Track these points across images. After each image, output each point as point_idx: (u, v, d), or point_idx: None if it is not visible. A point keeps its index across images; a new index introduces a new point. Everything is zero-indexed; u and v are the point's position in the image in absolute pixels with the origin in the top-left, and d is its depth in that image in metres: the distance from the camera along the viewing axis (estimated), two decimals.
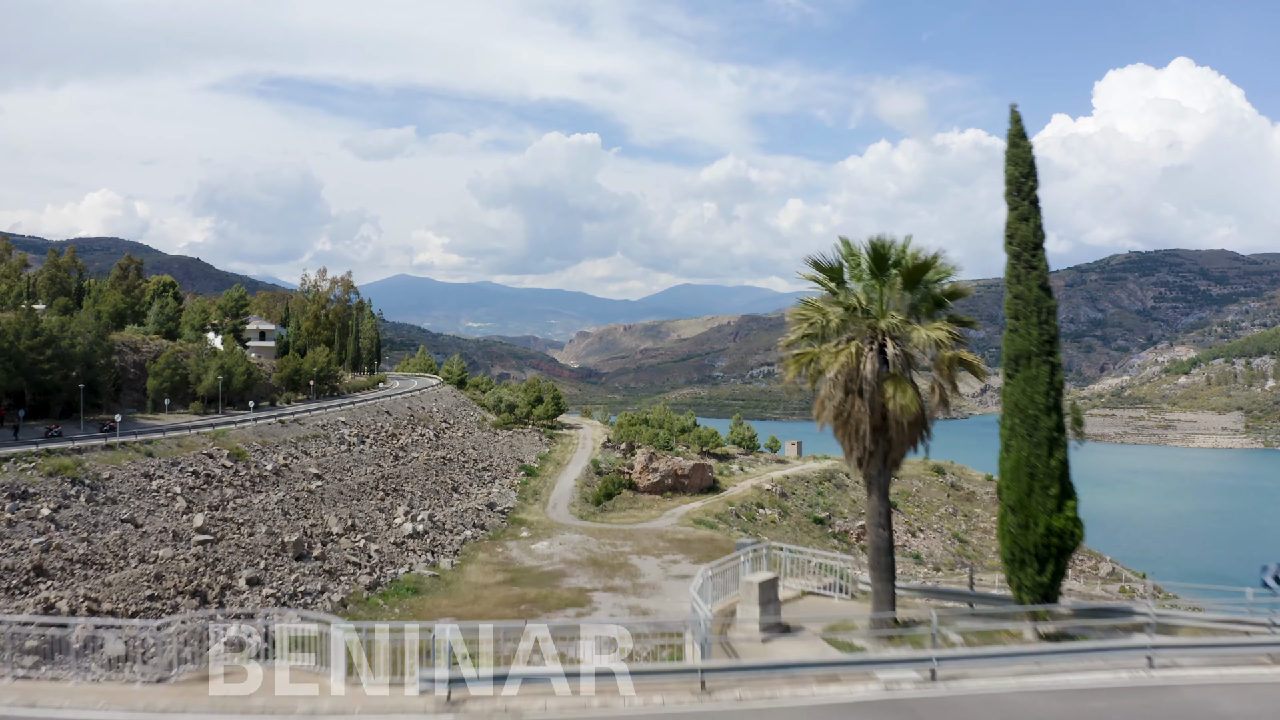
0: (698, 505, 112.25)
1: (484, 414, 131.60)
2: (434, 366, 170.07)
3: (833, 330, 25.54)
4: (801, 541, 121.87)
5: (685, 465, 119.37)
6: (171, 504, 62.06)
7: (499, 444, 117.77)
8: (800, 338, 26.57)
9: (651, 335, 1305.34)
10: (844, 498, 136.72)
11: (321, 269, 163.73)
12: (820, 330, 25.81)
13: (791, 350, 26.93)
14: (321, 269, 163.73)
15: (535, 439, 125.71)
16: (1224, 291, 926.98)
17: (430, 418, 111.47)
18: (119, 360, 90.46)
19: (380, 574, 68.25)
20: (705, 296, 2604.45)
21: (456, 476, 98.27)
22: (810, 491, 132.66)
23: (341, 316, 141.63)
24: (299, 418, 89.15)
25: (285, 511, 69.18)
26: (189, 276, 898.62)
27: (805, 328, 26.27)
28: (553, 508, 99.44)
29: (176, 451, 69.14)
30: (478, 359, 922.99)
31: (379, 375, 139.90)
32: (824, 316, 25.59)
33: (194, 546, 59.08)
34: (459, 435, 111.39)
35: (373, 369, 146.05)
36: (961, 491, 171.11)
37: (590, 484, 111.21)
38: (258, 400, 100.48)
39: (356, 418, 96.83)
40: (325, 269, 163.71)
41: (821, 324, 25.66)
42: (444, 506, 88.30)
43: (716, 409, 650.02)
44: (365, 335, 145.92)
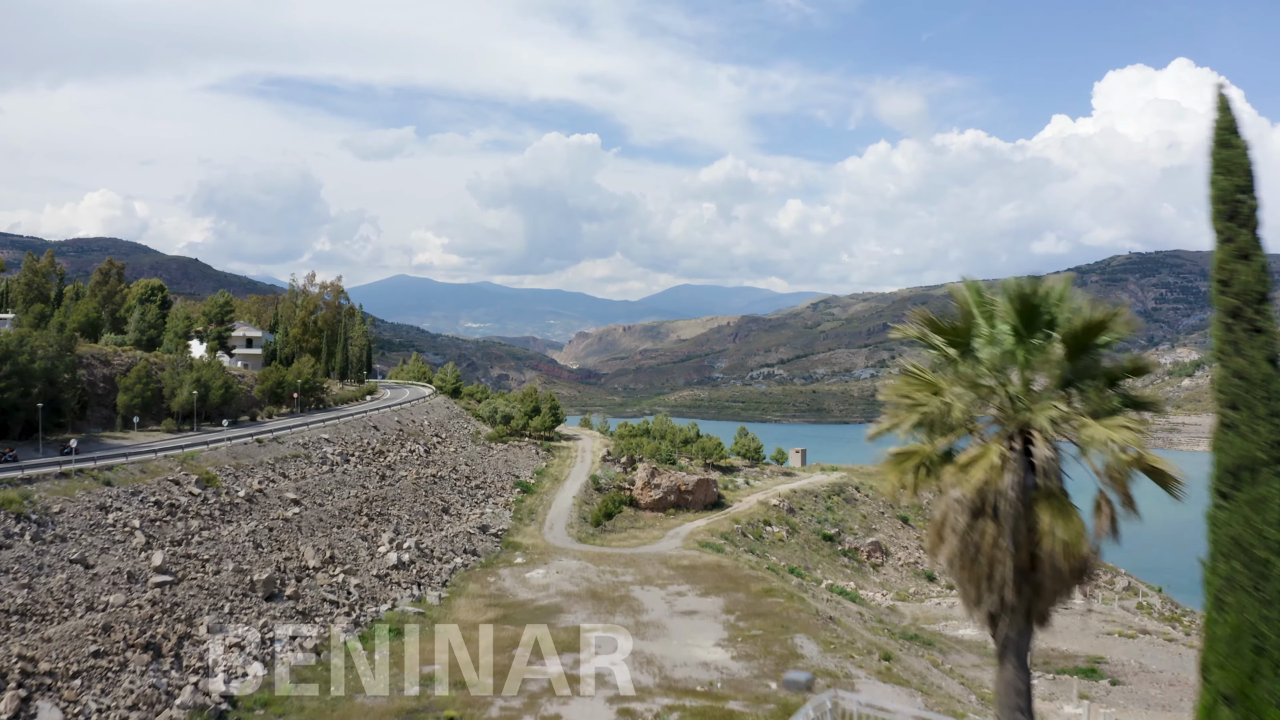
0: (702, 524, 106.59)
1: (478, 426, 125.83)
2: (428, 374, 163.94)
3: (956, 420, 18.04)
4: (810, 561, 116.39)
5: (689, 481, 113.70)
6: (129, 540, 56.28)
7: (494, 459, 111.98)
8: (901, 424, 18.59)
9: (651, 336, 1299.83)
10: (853, 513, 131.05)
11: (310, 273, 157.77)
12: (936, 418, 18.16)
13: (888, 445, 19.08)
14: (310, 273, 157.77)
15: (532, 452, 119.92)
16: None
17: (420, 432, 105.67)
18: (87, 375, 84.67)
19: (360, 612, 62.51)
20: (705, 297, 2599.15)
21: (447, 496, 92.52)
22: (819, 506, 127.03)
23: (331, 323, 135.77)
24: (278, 435, 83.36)
25: (257, 544, 63.40)
26: (187, 277, 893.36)
27: (913, 414, 18.37)
28: (549, 529, 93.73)
29: (139, 478, 63.32)
30: (476, 360, 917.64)
31: (369, 385, 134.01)
32: (941, 399, 17.92)
33: (150, 589, 53.32)
34: (451, 450, 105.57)
35: (362, 378, 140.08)
36: None
37: (589, 501, 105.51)
38: (237, 415, 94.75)
39: (341, 434, 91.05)
40: (314, 273, 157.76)
41: (939, 411, 18.03)
42: (433, 531, 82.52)
43: (717, 411, 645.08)
44: (356, 342, 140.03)
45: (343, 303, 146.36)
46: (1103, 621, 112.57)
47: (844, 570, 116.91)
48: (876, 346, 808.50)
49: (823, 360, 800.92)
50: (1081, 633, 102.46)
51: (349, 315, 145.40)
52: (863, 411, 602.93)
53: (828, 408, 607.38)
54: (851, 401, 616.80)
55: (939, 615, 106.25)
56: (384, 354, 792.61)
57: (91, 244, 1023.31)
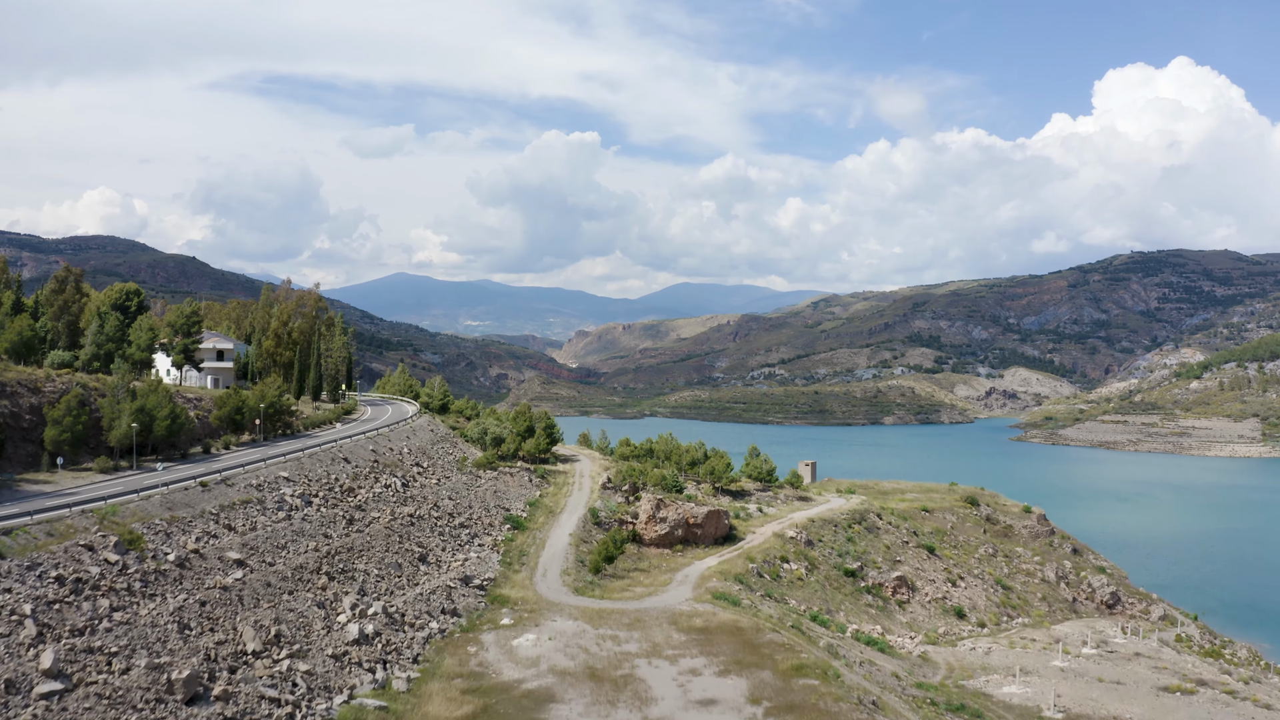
0: (714, 563, 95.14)
1: (466, 449, 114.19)
2: (415, 387, 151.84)
3: None
4: (832, 601, 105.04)
5: (698, 513, 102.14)
6: (14, 634, 44.77)
7: (481, 490, 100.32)
8: None
9: (651, 335, 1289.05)
10: (876, 543, 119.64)
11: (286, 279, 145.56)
12: None
13: None
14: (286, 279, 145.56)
15: (524, 480, 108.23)
16: (1228, 293, 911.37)
17: (399, 462, 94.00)
18: (9, 406, 73.05)
19: (308, 710, 50.98)
20: (704, 295, 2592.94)
21: (426, 540, 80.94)
22: (838, 537, 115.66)
23: (308, 334, 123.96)
24: (229, 475, 71.78)
25: (184, 625, 51.85)
26: (185, 275, 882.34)
27: None
28: (542, 576, 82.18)
29: (41, 545, 51.81)
30: (475, 359, 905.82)
31: (348, 403, 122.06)
32: None
33: (34, 704, 41.86)
34: (433, 482, 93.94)
35: (338, 396, 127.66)
36: (998, 526, 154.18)
37: (588, 539, 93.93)
38: (188, 447, 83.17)
39: (305, 470, 79.44)
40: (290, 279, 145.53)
41: None
42: (406, 588, 70.94)
43: (718, 412, 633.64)
44: (336, 354, 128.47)
45: (320, 312, 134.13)
46: (1153, 670, 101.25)
47: (868, 611, 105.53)
48: (878, 346, 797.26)
49: (824, 360, 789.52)
50: (1137, 688, 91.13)
51: (328, 326, 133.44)
52: (865, 413, 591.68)
53: (830, 409, 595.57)
54: (854, 403, 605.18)
55: (975, 664, 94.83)
56: (382, 353, 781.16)
57: (89, 242, 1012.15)
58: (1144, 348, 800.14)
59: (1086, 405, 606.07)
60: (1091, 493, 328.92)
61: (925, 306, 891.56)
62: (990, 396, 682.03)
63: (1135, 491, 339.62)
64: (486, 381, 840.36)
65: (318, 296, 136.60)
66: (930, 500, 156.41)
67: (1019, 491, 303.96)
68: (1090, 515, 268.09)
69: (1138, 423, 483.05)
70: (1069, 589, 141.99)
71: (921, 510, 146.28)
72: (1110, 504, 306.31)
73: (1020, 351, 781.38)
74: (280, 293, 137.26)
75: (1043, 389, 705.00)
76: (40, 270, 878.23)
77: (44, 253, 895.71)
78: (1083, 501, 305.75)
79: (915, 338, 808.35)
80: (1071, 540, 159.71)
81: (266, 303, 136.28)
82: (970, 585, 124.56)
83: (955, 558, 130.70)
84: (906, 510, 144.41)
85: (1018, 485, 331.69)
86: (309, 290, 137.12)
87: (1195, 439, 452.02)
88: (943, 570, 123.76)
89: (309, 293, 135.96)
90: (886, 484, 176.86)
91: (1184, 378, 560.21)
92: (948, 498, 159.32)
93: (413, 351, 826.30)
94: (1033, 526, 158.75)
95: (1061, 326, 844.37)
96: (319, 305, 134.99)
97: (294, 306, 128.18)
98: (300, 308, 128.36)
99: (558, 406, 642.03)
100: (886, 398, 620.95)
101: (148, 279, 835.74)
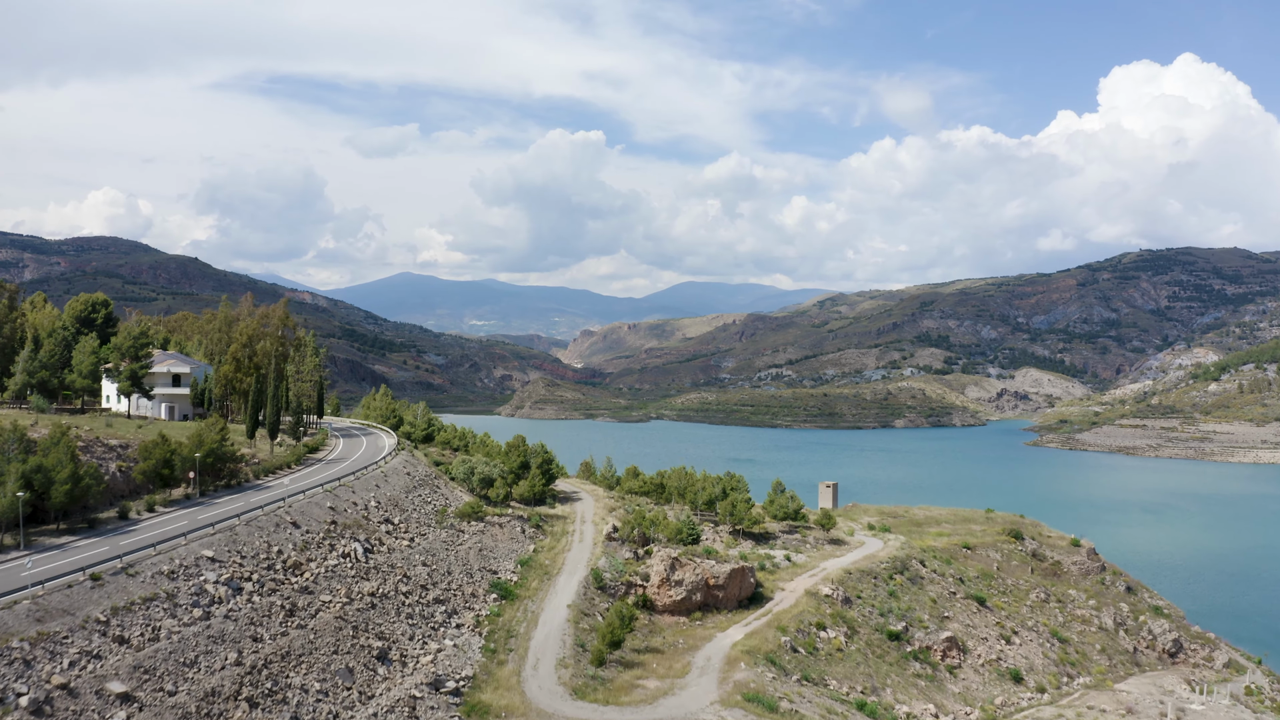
0: (739, 636, 79.25)
1: (450, 491, 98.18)
2: (398, 412, 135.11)
3: None
4: (878, 674, 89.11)
5: (719, 573, 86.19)
6: None
7: (464, 548, 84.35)
8: None
9: (656, 334, 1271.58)
10: (920, 596, 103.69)
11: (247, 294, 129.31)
12: None
13: None
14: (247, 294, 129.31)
15: (516, 531, 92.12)
16: (1239, 291, 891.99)
17: (362, 521, 78.07)
18: None
19: None
20: (710, 294, 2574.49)
21: (391, 627, 65.05)
22: (879, 592, 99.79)
23: (274, 356, 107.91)
24: (133, 561, 56.03)
25: None
26: (187, 276, 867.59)
27: None
28: (533, 669, 66.26)
29: None
30: (479, 360, 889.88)
31: (314, 438, 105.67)
32: None
33: None
34: (404, 545, 78.00)
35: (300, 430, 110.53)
36: (1045, 563, 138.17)
37: (590, 610, 77.99)
38: (98, 512, 67.33)
39: (238, 543, 63.55)
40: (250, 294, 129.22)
41: None
42: (357, 706, 55.07)
43: (725, 415, 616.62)
44: (307, 376, 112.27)
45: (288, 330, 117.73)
46: None
47: (917, 683, 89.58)
48: (887, 347, 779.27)
49: (832, 361, 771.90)
50: None
51: (296, 347, 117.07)
52: (876, 416, 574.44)
53: (840, 411, 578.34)
54: (864, 405, 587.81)
55: None
56: (385, 354, 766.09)
57: (91, 243, 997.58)
58: (1155, 347, 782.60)
59: (1101, 407, 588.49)
60: (1117, 505, 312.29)
61: (933, 306, 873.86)
62: (1002, 398, 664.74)
63: (1161, 502, 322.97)
64: (490, 383, 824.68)
65: (285, 313, 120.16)
66: (969, 534, 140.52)
67: (1043, 506, 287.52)
68: (1121, 533, 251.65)
69: (1157, 427, 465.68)
70: (1128, 637, 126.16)
71: (963, 548, 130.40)
72: (1138, 517, 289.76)
73: (1030, 351, 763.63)
74: (242, 307, 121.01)
75: (1054, 390, 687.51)
76: (42, 272, 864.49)
77: (46, 254, 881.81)
78: (1109, 514, 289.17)
79: (924, 337, 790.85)
80: (1124, 576, 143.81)
81: (226, 320, 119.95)
82: (1025, 641, 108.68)
83: (1006, 606, 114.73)
84: (946, 548, 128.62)
85: (1039, 497, 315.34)
86: (277, 306, 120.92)
87: (1217, 444, 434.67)
88: (995, 625, 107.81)
89: (274, 308, 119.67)
90: (917, 511, 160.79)
91: (1202, 380, 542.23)
92: (988, 530, 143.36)
93: (416, 353, 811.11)
94: (1082, 562, 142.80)
95: (1071, 326, 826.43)
96: (286, 322, 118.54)
97: (257, 324, 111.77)
98: (264, 326, 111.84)
99: (562, 410, 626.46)
100: (897, 400, 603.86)
101: (150, 280, 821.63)
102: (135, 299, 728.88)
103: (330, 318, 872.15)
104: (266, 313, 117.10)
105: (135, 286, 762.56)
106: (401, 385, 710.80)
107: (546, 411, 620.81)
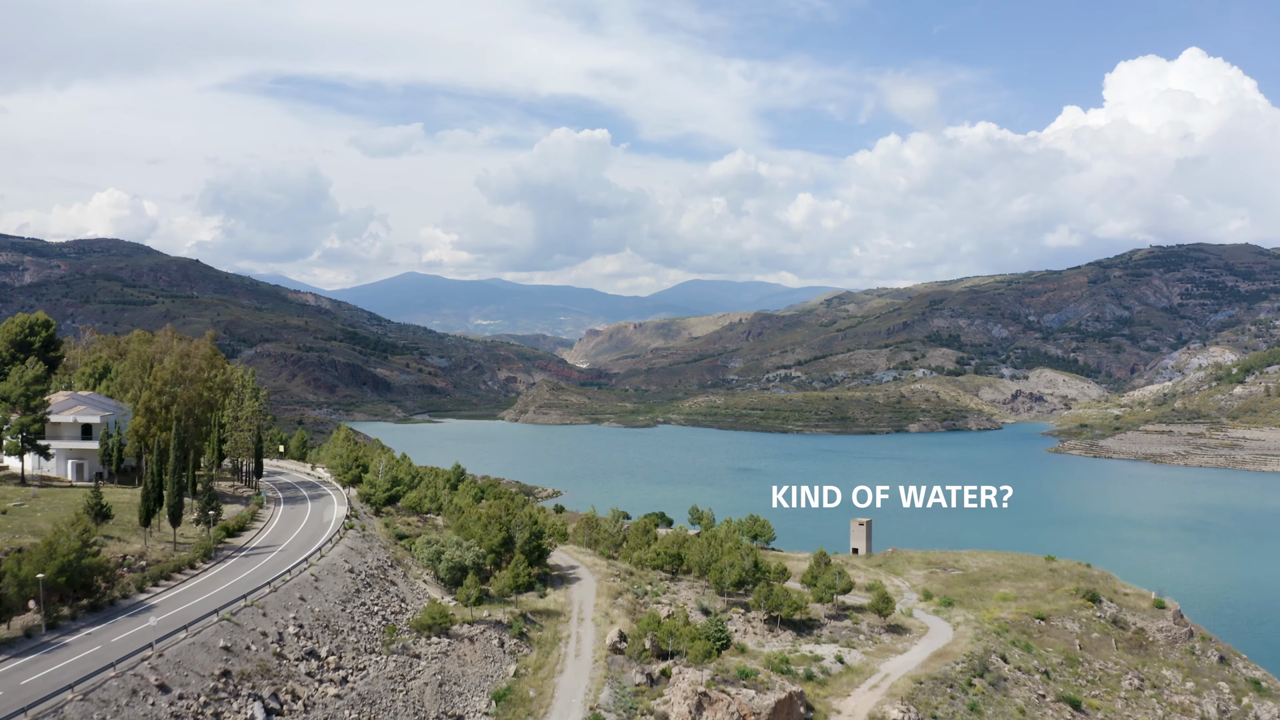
0: None
1: (412, 583, 75.90)
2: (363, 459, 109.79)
3: None
4: None
5: (761, 707, 63.96)
6: None
7: (419, 683, 61.97)
8: None
9: (663, 334, 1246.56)
10: (1006, 706, 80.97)
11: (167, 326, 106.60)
12: None
13: None
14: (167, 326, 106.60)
15: (493, 646, 69.57)
16: (1252, 288, 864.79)
17: (273, 662, 55.78)
18: None
19: None
20: (716, 292, 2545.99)
21: None
22: (957, 706, 77.64)
23: (198, 405, 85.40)
24: None
25: None
26: (188, 279, 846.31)
27: None
28: None
29: None
30: (483, 363, 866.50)
31: (239, 516, 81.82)
32: None
33: None
34: (330, 694, 55.64)
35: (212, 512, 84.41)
36: (1129, 632, 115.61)
37: None
38: None
39: None
40: (171, 327, 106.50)
41: None
42: None
43: (734, 420, 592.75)
44: (244, 426, 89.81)
45: (214, 372, 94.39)
46: None
47: None
48: (898, 347, 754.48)
49: (842, 361, 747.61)
50: None
51: (225, 393, 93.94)
52: (889, 420, 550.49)
53: (852, 416, 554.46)
54: (877, 409, 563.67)
55: None
56: (387, 358, 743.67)
57: (92, 245, 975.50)
58: (1169, 346, 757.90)
59: (1120, 410, 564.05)
60: (1155, 523, 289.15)
61: (943, 304, 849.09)
62: (1016, 399, 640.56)
63: (1199, 519, 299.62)
64: (495, 385, 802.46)
65: (211, 350, 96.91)
66: (1038, 595, 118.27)
67: (1083, 529, 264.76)
68: (1167, 559, 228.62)
69: (1184, 433, 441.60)
70: None
71: (1036, 619, 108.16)
72: (1179, 536, 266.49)
73: (1043, 351, 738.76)
74: (159, 344, 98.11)
75: (1069, 391, 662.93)
76: (41, 275, 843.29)
77: (46, 257, 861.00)
78: (1148, 534, 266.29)
79: (935, 337, 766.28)
80: (1214, 642, 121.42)
81: (140, 360, 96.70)
82: None
83: (1100, 704, 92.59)
84: (1018, 621, 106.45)
85: (1074, 514, 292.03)
86: (202, 340, 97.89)
87: (1248, 452, 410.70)
88: None
89: (197, 344, 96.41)
90: (968, 559, 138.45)
91: (1226, 382, 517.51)
92: (1057, 590, 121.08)
93: (419, 355, 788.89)
94: (1169, 629, 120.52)
95: (1083, 324, 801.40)
96: (211, 362, 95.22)
97: (175, 365, 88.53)
98: (182, 368, 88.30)
99: (567, 415, 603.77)
100: (910, 403, 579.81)
101: (150, 283, 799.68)
102: (134, 302, 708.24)
103: (332, 319, 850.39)
104: (188, 351, 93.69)
105: (134, 290, 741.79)
106: (404, 389, 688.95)
107: (551, 416, 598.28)
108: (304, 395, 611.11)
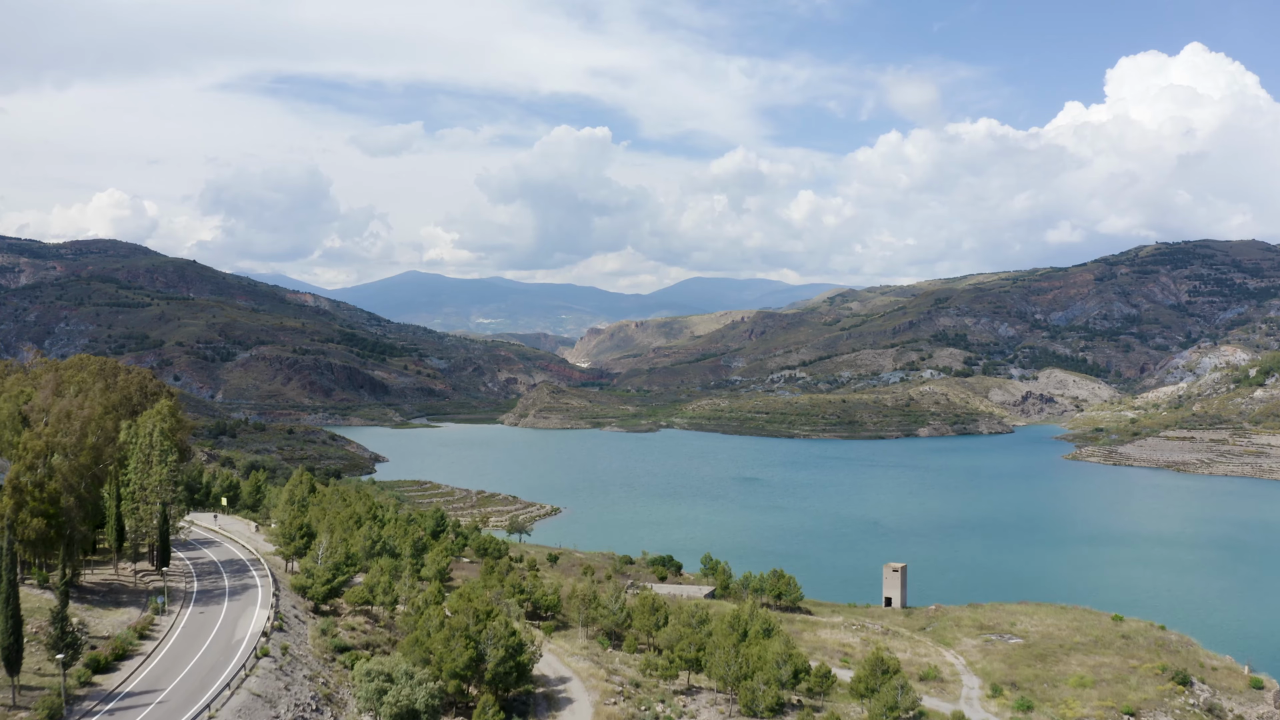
0: None
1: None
2: (311, 526, 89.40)
3: None
4: None
5: None
6: None
7: None
8: None
9: (665, 332, 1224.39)
10: None
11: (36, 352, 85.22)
12: None
13: None
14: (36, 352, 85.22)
15: None
16: (1260, 285, 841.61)
17: None
18: None
19: None
20: (717, 289, 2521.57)
21: None
22: None
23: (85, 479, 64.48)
24: None
25: None
26: (185, 280, 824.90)
27: None
28: None
29: None
30: (483, 363, 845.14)
31: (126, 633, 61.13)
32: None
33: None
34: None
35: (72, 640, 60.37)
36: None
37: None
38: None
39: None
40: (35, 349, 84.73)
41: None
42: None
43: (739, 424, 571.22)
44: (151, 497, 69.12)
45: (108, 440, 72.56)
46: None
47: None
48: (904, 347, 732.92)
49: (847, 362, 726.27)
50: None
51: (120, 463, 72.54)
52: (898, 424, 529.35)
53: (860, 419, 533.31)
54: (885, 413, 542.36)
55: None
56: (385, 360, 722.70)
57: (90, 246, 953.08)
58: (1179, 344, 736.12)
59: (1134, 412, 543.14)
60: (1190, 541, 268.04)
61: (948, 302, 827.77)
62: (1026, 401, 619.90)
63: (1233, 536, 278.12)
64: (495, 387, 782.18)
65: (101, 411, 74.86)
66: (1115, 676, 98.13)
67: (1117, 548, 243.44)
68: (1206, 586, 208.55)
69: (1206, 439, 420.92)
70: None
71: (1126, 716, 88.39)
72: (1215, 556, 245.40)
73: (1051, 350, 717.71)
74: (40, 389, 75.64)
75: (1080, 391, 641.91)
76: (37, 276, 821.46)
77: (43, 258, 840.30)
78: (1184, 553, 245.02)
79: (941, 336, 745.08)
80: None
81: (13, 417, 74.47)
82: None
83: None
84: (1103, 716, 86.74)
85: (1103, 530, 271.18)
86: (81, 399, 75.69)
87: (1275, 460, 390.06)
88: None
89: (88, 400, 74.59)
90: (1024, 618, 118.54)
91: (1245, 385, 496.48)
92: (1140, 672, 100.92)
93: (418, 357, 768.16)
94: (1269, 714, 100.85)
95: (1091, 322, 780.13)
96: (103, 422, 72.82)
97: (53, 431, 66.93)
98: (60, 432, 66.37)
99: (568, 419, 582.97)
100: (919, 406, 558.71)
101: (146, 284, 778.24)
102: (129, 304, 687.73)
103: (331, 320, 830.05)
104: (68, 411, 71.23)
105: (130, 291, 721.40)
106: (402, 392, 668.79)
107: (551, 420, 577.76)
108: (299, 399, 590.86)
